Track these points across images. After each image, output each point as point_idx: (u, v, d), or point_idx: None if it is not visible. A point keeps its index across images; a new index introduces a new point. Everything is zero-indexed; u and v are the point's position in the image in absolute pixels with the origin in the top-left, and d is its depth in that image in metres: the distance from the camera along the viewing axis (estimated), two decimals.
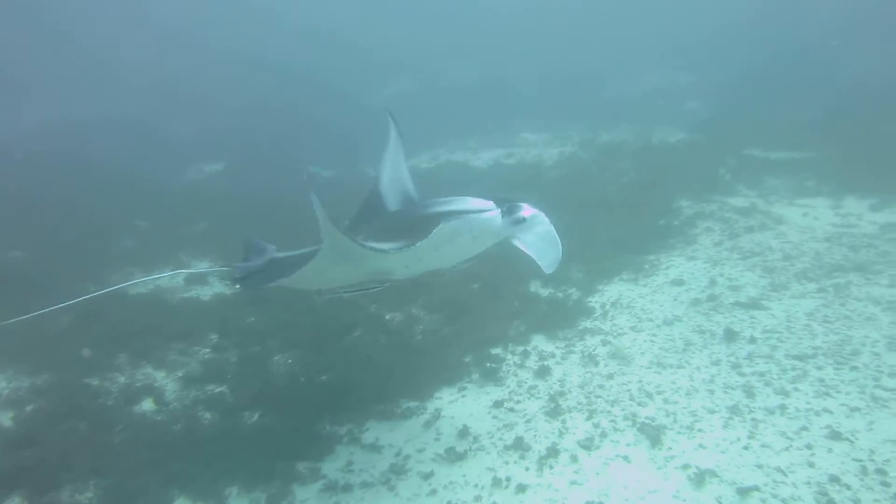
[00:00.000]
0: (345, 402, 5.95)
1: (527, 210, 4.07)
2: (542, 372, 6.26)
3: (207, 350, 7.18)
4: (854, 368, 5.69)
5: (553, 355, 6.61)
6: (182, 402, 6.24)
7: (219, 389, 6.41)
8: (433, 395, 6.10)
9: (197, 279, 9.26)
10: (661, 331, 6.88)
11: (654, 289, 7.98)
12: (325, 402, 5.99)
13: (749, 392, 5.55)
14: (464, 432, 5.42)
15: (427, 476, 4.97)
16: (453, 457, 5.11)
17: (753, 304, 7.16)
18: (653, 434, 5.08)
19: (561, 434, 5.27)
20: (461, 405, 5.90)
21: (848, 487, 4.34)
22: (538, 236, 4.09)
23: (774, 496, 4.33)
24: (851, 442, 4.78)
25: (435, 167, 16.80)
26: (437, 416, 5.74)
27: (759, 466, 4.64)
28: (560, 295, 8.04)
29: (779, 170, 11.73)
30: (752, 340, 6.39)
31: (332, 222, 3.39)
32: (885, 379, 5.48)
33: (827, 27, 19.89)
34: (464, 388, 6.18)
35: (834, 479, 4.42)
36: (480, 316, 7.41)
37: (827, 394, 5.40)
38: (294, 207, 9.90)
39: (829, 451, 4.72)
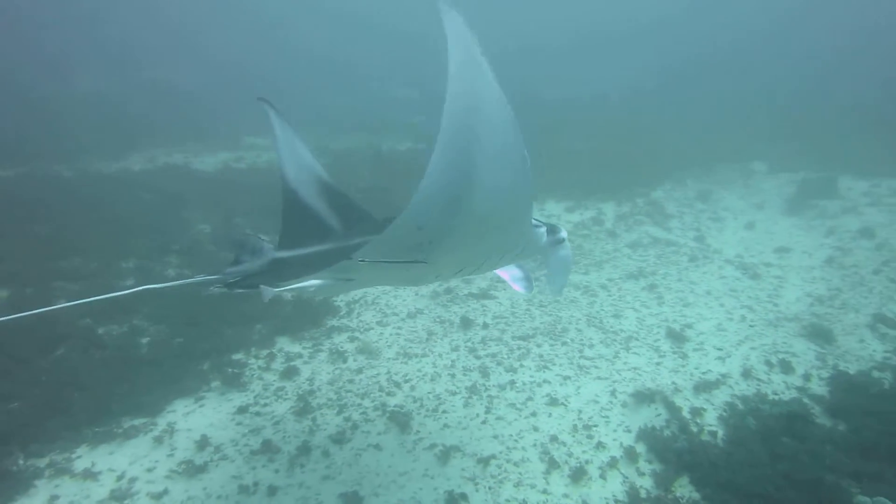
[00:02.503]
0: (44, 431, 4.86)
1: (563, 232, 3.99)
2: (290, 372, 5.95)
3: None
4: (564, 343, 6.60)
5: (300, 355, 6.34)
6: None
7: None
8: (165, 408, 5.35)
9: None
10: (405, 324, 7.11)
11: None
12: (13, 435, 4.81)
13: (484, 372, 6.04)
14: (203, 443, 4.84)
15: (159, 496, 4.30)
16: (192, 470, 4.52)
17: (484, 295, 7.87)
18: (402, 421, 5.18)
19: (312, 432, 5.05)
20: (199, 416, 5.27)
21: (564, 444, 4.97)
22: (561, 260, 4.07)
23: (508, 461, 4.76)
24: (565, 405, 5.50)
25: (152, 169, 14.55)
26: (170, 430, 5.04)
27: (496, 437, 5.05)
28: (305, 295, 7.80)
29: None
30: (485, 326, 7.00)
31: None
32: (586, 350, 6.46)
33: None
34: (202, 398, 5.54)
35: (553, 439, 5.03)
36: (216, 323, 6.77)
37: (545, 367, 6.15)
38: None
39: (550, 415, 5.37)
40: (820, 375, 5.81)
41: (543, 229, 3.81)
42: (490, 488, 4.46)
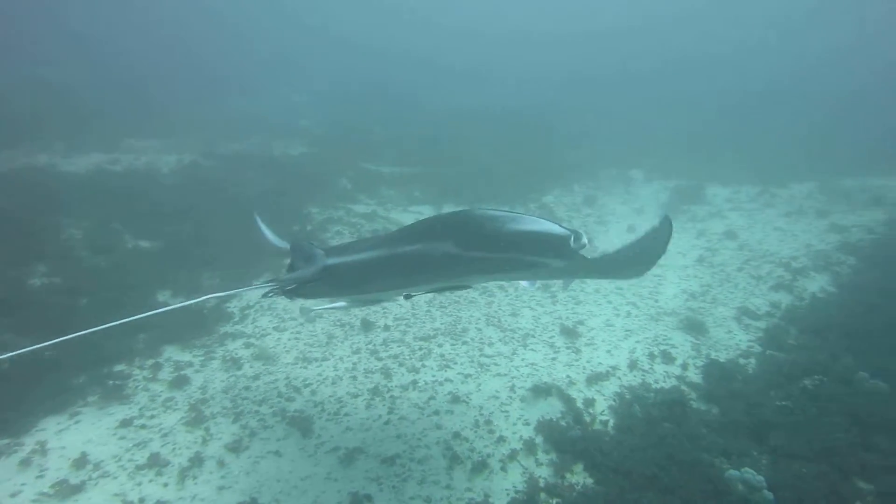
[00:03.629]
0: None
1: (585, 238, 3.95)
2: (180, 382, 5.61)
3: None
4: (465, 342, 6.72)
5: (191, 364, 6.00)
6: None
7: None
8: (33, 427, 4.84)
9: None
10: (304, 328, 6.93)
11: None
12: None
13: (387, 374, 6.01)
14: (81, 462, 4.44)
15: None
16: (67, 491, 4.13)
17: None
18: (303, 425, 5.04)
19: (205, 442, 4.79)
20: (75, 432, 4.83)
21: (466, 440, 5.06)
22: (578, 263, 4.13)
23: (412, 459, 4.77)
24: (467, 403, 5.60)
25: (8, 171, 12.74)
26: (40, 450, 4.57)
27: (399, 436, 5.05)
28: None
29: (391, 182, 13.27)
30: (386, 328, 6.97)
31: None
32: (486, 348, 6.62)
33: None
34: (78, 413, 5.08)
35: (456, 435, 5.10)
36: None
37: (447, 366, 6.23)
38: None
39: (451, 413, 5.44)
40: (695, 364, 6.32)
41: (569, 236, 3.95)
42: (394, 487, 4.44)
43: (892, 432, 4.79)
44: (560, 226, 3.67)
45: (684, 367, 6.28)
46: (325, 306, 4.12)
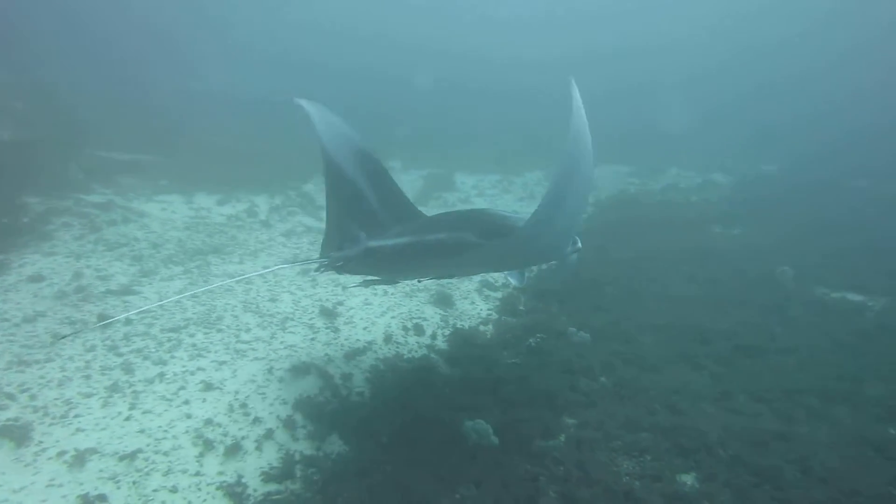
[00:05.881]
0: None
1: (579, 242, 4.48)
2: None
3: None
4: (220, 330, 6.47)
5: None
6: None
7: None
8: None
9: None
10: (20, 329, 6.01)
11: (7, 288, 6.92)
12: None
13: (128, 369, 5.52)
14: None
15: None
16: None
17: (126, 290, 7.16)
18: (19, 434, 4.39)
19: None
20: None
21: (219, 425, 4.91)
22: (572, 262, 4.71)
23: (157, 451, 4.48)
24: (221, 389, 5.42)
25: None
26: None
27: (142, 431, 4.70)
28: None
29: (132, 170, 12.08)
30: (128, 322, 6.38)
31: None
32: (243, 334, 6.46)
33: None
34: None
35: (209, 422, 4.92)
36: None
37: (200, 355, 5.94)
38: None
39: (204, 400, 5.22)
40: (443, 334, 6.95)
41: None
42: (135, 483, 4.13)
43: (592, 375, 5.84)
44: None
45: (433, 337, 6.86)
46: (365, 279, 4.99)
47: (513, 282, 5.54)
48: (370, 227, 4.84)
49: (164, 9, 29.12)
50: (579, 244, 4.72)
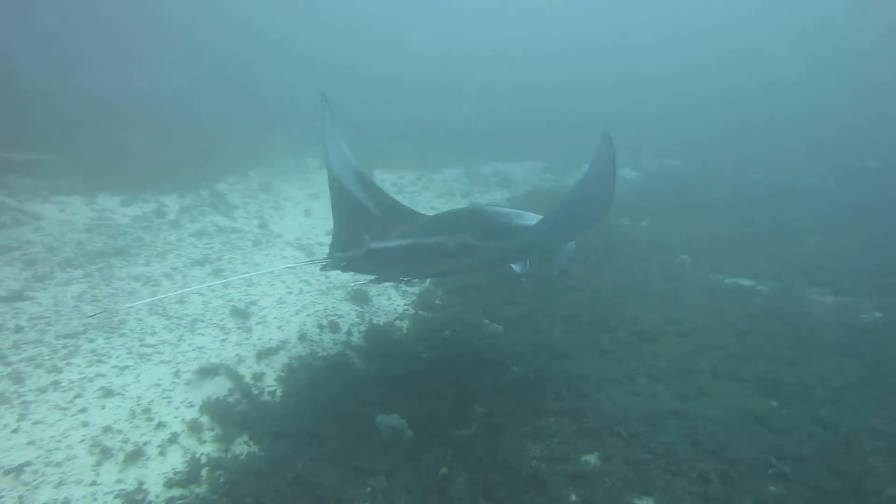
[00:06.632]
0: None
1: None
2: None
3: None
4: (122, 335, 6.18)
5: None
6: None
7: None
8: None
9: None
10: None
11: None
12: None
13: (17, 378, 5.20)
14: None
15: None
16: None
17: (17, 297, 6.71)
18: None
19: None
20: None
21: (119, 432, 4.71)
22: (567, 251, 5.10)
23: (48, 463, 4.25)
24: (122, 395, 5.19)
25: None
26: None
27: (32, 443, 4.44)
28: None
29: (27, 170, 11.31)
30: (19, 329, 5.99)
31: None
32: (148, 338, 6.20)
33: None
34: None
35: (107, 429, 4.70)
36: None
37: (100, 361, 5.66)
38: None
39: (103, 407, 4.99)
40: (359, 330, 6.93)
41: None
42: (21, 497, 3.89)
43: (501, 364, 6.01)
44: None
45: (349, 333, 6.83)
46: (365, 279, 5.42)
47: (515, 269, 5.69)
48: (375, 231, 5.29)
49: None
50: (572, 244, 5.11)
